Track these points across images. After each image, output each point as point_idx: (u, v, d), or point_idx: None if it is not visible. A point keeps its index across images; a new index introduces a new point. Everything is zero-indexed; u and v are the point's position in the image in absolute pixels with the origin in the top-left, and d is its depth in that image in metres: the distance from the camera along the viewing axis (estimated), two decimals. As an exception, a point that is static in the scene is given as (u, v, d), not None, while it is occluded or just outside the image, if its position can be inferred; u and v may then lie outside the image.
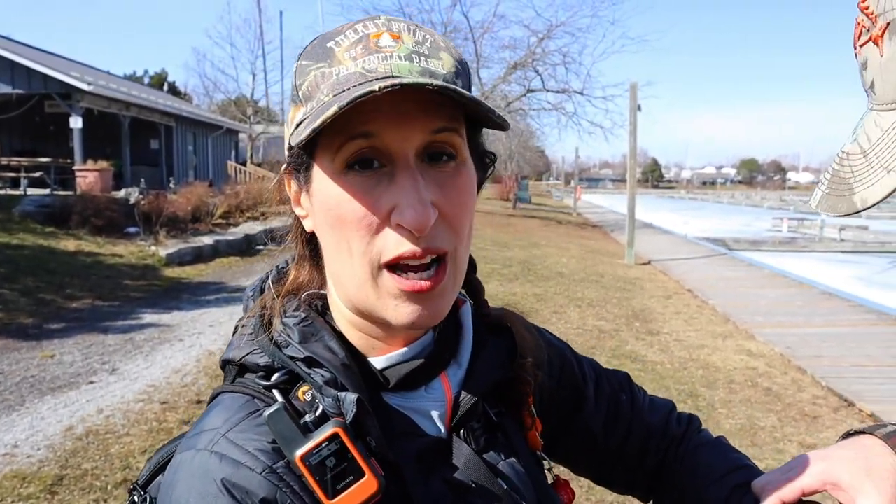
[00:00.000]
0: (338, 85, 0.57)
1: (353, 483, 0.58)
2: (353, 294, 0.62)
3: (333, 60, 0.58)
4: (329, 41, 0.60)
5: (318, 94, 0.58)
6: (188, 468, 0.59)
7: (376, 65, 0.57)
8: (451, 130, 0.59)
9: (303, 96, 0.60)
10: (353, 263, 0.59)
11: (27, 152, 19.06)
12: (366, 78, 0.56)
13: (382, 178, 0.58)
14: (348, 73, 0.57)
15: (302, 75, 0.60)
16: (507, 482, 0.68)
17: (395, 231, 0.58)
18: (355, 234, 0.58)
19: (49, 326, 7.17)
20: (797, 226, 28.10)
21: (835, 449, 0.71)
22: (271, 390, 0.63)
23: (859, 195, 0.62)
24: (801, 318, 8.32)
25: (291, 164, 0.64)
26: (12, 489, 3.51)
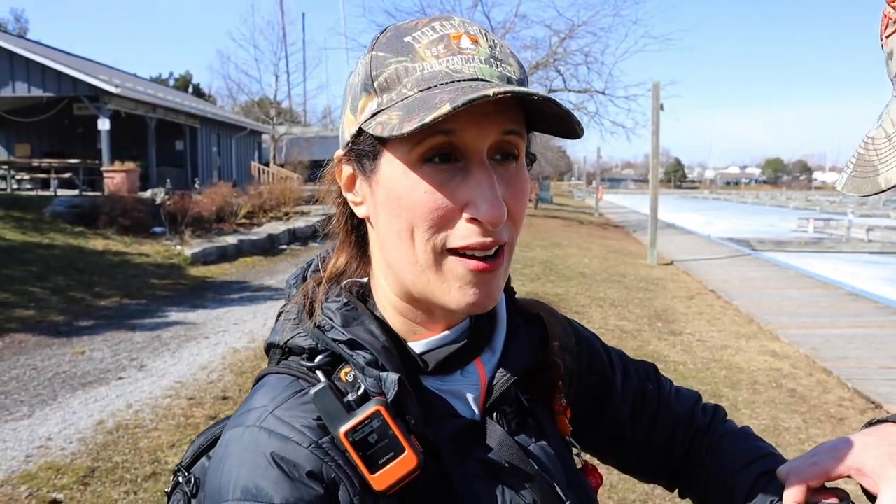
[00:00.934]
0: (423, 81, 0.60)
1: (394, 459, 0.60)
2: (410, 279, 0.64)
3: (415, 56, 0.61)
4: (405, 36, 0.62)
5: (400, 87, 0.60)
6: (238, 443, 0.62)
7: (460, 66, 0.60)
8: (518, 133, 0.63)
9: (378, 87, 0.61)
10: (416, 249, 0.62)
11: (56, 154, 19.47)
12: (451, 77, 0.59)
13: (457, 172, 0.61)
14: (433, 70, 0.60)
15: (379, 66, 0.62)
16: (539, 463, 0.71)
17: (467, 223, 0.61)
18: (424, 223, 0.61)
19: (79, 324, 7.33)
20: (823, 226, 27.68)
21: (859, 436, 0.72)
22: (315, 371, 0.66)
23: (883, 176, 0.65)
24: (826, 319, 8.21)
25: (356, 150, 0.65)
26: (47, 480, 3.61)
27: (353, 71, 0.67)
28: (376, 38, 0.65)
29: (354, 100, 0.64)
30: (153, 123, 19.10)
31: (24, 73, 16.72)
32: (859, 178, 0.68)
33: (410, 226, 0.62)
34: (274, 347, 0.73)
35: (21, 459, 3.87)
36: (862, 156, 0.69)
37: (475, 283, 0.63)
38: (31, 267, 9.42)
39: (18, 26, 46.21)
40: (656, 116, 13.78)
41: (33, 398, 4.94)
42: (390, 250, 0.65)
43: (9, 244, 10.33)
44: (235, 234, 14.46)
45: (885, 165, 0.65)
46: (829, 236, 24.89)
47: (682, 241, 19.46)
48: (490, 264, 0.63)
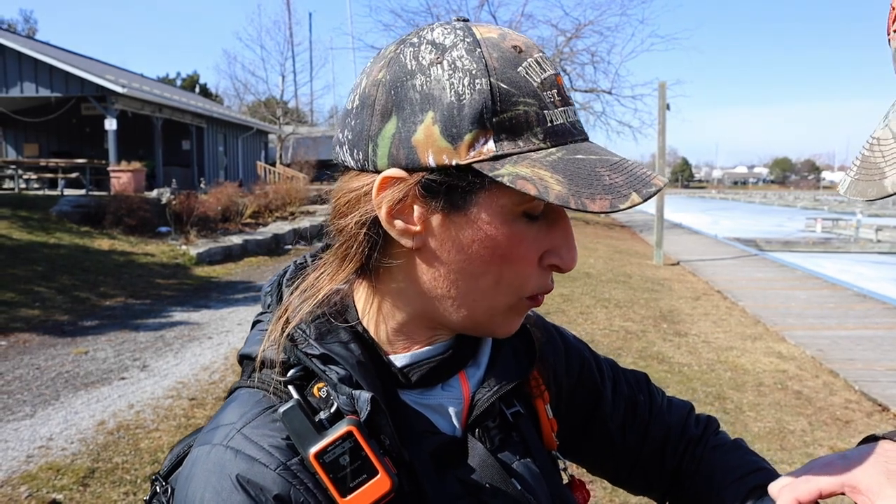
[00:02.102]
0: (555, 135, 0.58)
1: (367, 481, 0.58)
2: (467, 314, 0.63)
3: (540, 101, 0.58)
4: (516, 65, 0.58)
5: (529, 134, 0.57)
6: (204, 463, 0.60)
7: (573, 118, 0.61)
8: None
9: (499, 125, 0.56)
10: (497, 295, 0.62)
11: (64, 153, 19.59)
12: (572, 134, 0.60)
13: (542, 223, 0.62)
14: (558, 123, 0.59)
15: (506, 103, 0.56)
16: (522, 482, 0.69)
17: (544, 270, 0.63)
18: (517, 274, 0.61)
19: (83, 323, 7.35)
20: (832, 226, 27.55)
21: (854, 452, 0.70)
22: (287, 386, 0.64)
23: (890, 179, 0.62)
24: (833, 321, 8.15)
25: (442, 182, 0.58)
26: (47, 480, 3.61)
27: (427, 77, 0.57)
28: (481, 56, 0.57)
29: (452, 125, 0.56)
30: (160, 123, 19.16)
31: (33, 73, 16.81)
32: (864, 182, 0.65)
33: (499, 271, 0.61)
34: (247, 359, 0.70)
35: (22, 459, 3.87)
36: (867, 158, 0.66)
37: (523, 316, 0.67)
38: (36, 266, 9.45)
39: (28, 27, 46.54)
40: (662, 116, 13.72)
41: (36, 398, 4.95)
42: (452, 287, 0.62)
43: (15, 243, 10.37)
44: (241, 233, 14.49)
45: (892, 168, 0.62)
46: (837, 236, 24.75)
47: (689, 241, 19.39)
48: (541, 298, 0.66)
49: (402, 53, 0.59)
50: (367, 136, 0.60)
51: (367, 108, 0.60)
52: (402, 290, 0.65)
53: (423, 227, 0.60)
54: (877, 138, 0.65)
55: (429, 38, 0.59)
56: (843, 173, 0.69)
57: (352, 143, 0.61)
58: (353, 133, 0.61)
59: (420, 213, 0.60)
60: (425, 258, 0.62)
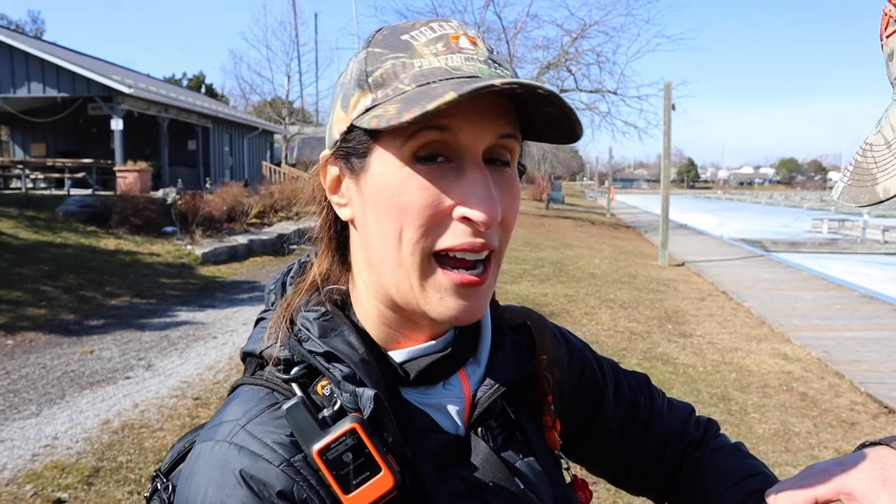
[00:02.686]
0: (422, 76, 0.58)
1: (370, 479, 0.58)
2: (393, 283, 0.62)
3: (413, 52, 0.59)
4: (402, 34, 0.61)
5: (397, 82, 0.58)
6: (207, 459, 0.60)
7: (460, 63, 0.59)
8: (514, 137, 0.62)
9: (374, 82, 0.60)
10: (402, 252, 0.60)
11: (71, 153, 19.67)
12: (451, 74, 0.57)
13: (449, 172, 0.59)
14: (432, 66, 0.58)
15: (374, 62, 0.60)
16: (525, 481, 0.69)
17: (457, 223, 0.59)
18: (414, 223, 0.59)
19: (89, 323, 7.37)
20: (838, 227, 27.44)
21: (850, 458, 0.70)
22: (290, 384, 0.64)
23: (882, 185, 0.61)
24: (839, 322, 8.11)
25: (344, 149, 0.63)
26: (52, 479, 3.62)
27: (343, 70, 0.65)
28: (372, 36, 0.63)
29: (346, 97, 0.62)
30: (166, 123, 19.21)
31: (40, 73, 16.87)
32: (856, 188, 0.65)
33: (399, 225, 0.59)
34: (250, 356, 0.71)
35: (27, 458, 3.89)
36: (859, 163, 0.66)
37: (457, 296, 0.61)
38: (43, 266, 9.49)
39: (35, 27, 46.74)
40: (668, 116, 13.69)
41: (42, 397, 4.97)
42: (375, 252, 0.63)
43: (22, 243, 10.42)
44: (246, 233, 14.52)
45: (884, 174, 0.61)
46: (843, 237, 24.65)
47: (694, 241, 19.33)
48: (480, 277, 0.61)
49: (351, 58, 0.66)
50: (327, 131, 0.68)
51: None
52: (361, 271, 0.67)
53: (348, 196, 0.65)
54: (870, 144, 0.65)
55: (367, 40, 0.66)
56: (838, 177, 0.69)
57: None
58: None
59: (345, 185, 0.65)
60: (359, 227, 0.65)
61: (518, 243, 14.51)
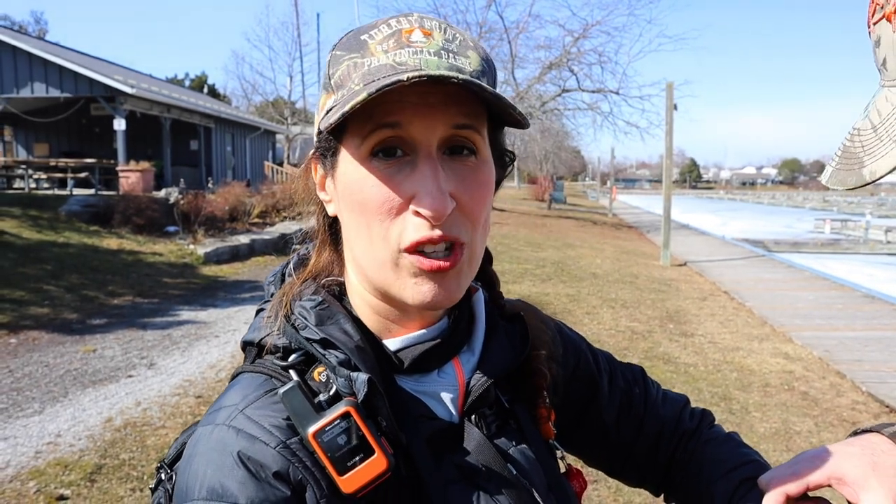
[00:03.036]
0: (368, 75, 0.59)
1: (364, 460, 0.59)
2: (372, 275, 0.64)
3: (366, 52, 0.61)
4: (363, 34, 0.63)
5: (350, 82, 0.60)
6: (207, 441, 0.61)
7: (406, 58, 0.59)
8: (471, 127, 0.61)
9: (334, 84, 0.62)
10: (374, 247, 0.62)
11: (74, 153, 19.71)
12: (395, 70, 0.58)
13: (404, 166, 0.60)
14: (379, 64, 0.59)
15: (335, 64, 0.63)
16: (517, 467, 0.70)
17: (414, 217, 0.60)
18: (376, 219, 0.61)
19: (92, 322, 7.40)
20: (841, 227, 27.39)
21: (841, 445, 0.71)
22: (288, 370, 0.65)
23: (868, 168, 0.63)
24: (841, 322, 8.11)
25: (319, 149, 0.67)
26: (55, 476, 3.64)
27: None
28: (339, 40, 0.65)
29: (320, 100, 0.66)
30: (168, 123, 19.25)
31: (43, 73, 16.92)
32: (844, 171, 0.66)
33: (366, 222, 0.62)
34: (249, 345, 0.72)
35: (31, 455, 3.91)
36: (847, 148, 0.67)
37: (432, 280, 0.62)
38: (46, 265, 9.52)
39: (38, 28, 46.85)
40: (670, 116, 13.69)
41: (45, 395, 4.99)
42: (354, 247, 0.66)
43: (25, 243, 10.45)
44: (248, 233, 14.55)
45: (870, 157, 0.63)
46: (846, 237, 24.60)
47: (696, 241, 19.32)
48: (448, 261, 0.61)
49: None
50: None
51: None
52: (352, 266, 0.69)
53: (331, 195, 0.68)
54: (857, 129, 0.67)
55: None
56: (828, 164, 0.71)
57: None
58: None
59: (328, 183, 0.68)
60: (342, 222, 0.67)
61: (520, 243, 14.53)
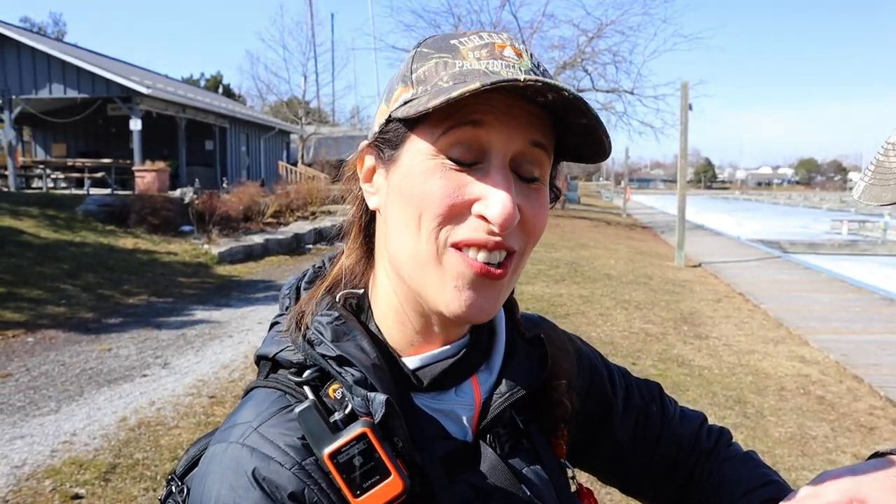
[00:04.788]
0: (460, 75, 0.60)
1: (379, 483, 0.59)
2: (410, 273, 0.63)
3: (457, 55, 0.61)
4: (452, 39, 0.63)
5: (436, 78, 0.61)
6: (220, 460, 0.61)
7: (499, 69, 0.60)
8: (544, 148, 0.62)
9: (416, 79, 0.62)
10: (420, 240, 0.61)
11: (90, 154, 19.92)
12: (489, 77, 0.58)
13: (476, 171, 0.60)
14: (471, 68, 0.60)
15: (420, 60, 0.63)
16: (531, 488, 0.69)
17: (475, 218, 0.60)
18: (432, 212, 0.60)
19: (107, 321, 7.46)
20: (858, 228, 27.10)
21: (863, 466, 0.69)
22: (302, 387, 0.65)
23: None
24: (859, 325, 8.01)
25: (380, 139, 0.65)
26: (70, 475, 3.67)
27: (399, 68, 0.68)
28: (423, 40, 0.66)
29: (390, 91, 0.65)
30: (183, 123, 19.39)
31: (61, 74, 17.12)
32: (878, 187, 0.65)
33: (419, 213, 0.60)
34: (264, 359, 0.72)
35: (46, 454, 3.95)
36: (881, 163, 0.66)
37: (472, 287, 0.61)
38: (63, 265, 9.62)
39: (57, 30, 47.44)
40: (685, 116, 13.60)
41: (61, 394, 5.04)
42: (394, 240, 0.64)
43: (42, 242, 10.57)
44: (262, 233, 14.61)
45: None
46: (864, 238, 24.31)
47: (711, 242, 19.17)
48: (501, 269, 0.61)
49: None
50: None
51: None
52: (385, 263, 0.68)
53: (378, 184, 0.67)
54: (892, 143, 0.65)
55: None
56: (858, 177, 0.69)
57: None
58: None
59: (378, 175, 0.67)
60: (385, 216, 0.66)
61: (533, 244, 14.43)
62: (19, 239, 10.38)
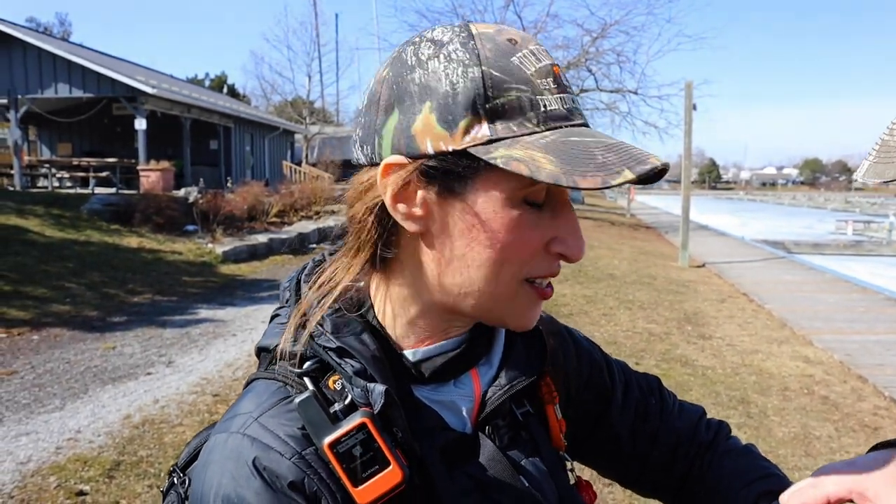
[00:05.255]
0: (549, 119, 0.59)
1: (379, 472, 0.59)
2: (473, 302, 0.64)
3: (534, 88, 0.59)
4: (510, 55, 0.60)
5: (522, 118, 0.58)
6: (221, 450, 0.61)
7: (571, 105, 0.61)
8: None
9: (492, 111, 0.58)
10: (498, 282, 0.62)
11: (96, 153, 19.98)
12: (568, 119, 0.60)
13: (546, 211, 0.62)
14: (552, 108, 0.59)
15: (497, 89, 0.58)
16: (530, 479, 0.70)
17: (549, 255, 0.63)
18: (518, 260, 0.62)
19: (112, 319, 7.49)
20: (863, 228, 27.00)
21: (863, 459, 0.70)
22: (303, 378, 0.65)
23: None
24: (863, 325, 7.98)
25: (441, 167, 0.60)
26: (75, 472, 3.69)
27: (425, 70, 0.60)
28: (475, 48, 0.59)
29: (446, 112, 0.58)
30: (188, 123, 19.44)
31: (66, 74, 17.19)
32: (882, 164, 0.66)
33: (500, 260, 0.61)
34: (264, 351, 0.72)
35: (51, 451, 3.97)
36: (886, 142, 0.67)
37: (538, 307, 0.66)
38: (68, 263, 9.66)
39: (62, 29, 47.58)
40: (689, 116, 13.57)
41: (66, 391, 5.06)
42: (454, 275, 0.63)
43: (48, 241, 10.61)
44: (266, 232, 14.64)
45: None
46: (869, 239, 24.23)
47: (715, 243, 19.13)
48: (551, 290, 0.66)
49: (404, 52, 0.63)
50: (373, 130, 0.63)
51: (373, 104, 0.63)
52: (413, 281, 0.66)
53: (425, 211, 0.62)
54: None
55: (428, 36, 0.63)
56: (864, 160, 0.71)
57: (362, 140, 0.65)
58: (363, 130, 0.65)
59: (422, 198, 0.62)
60: (430, 244, 0.64)
61: (537, 243, 14.42)
62: (25, 237, 10.43)
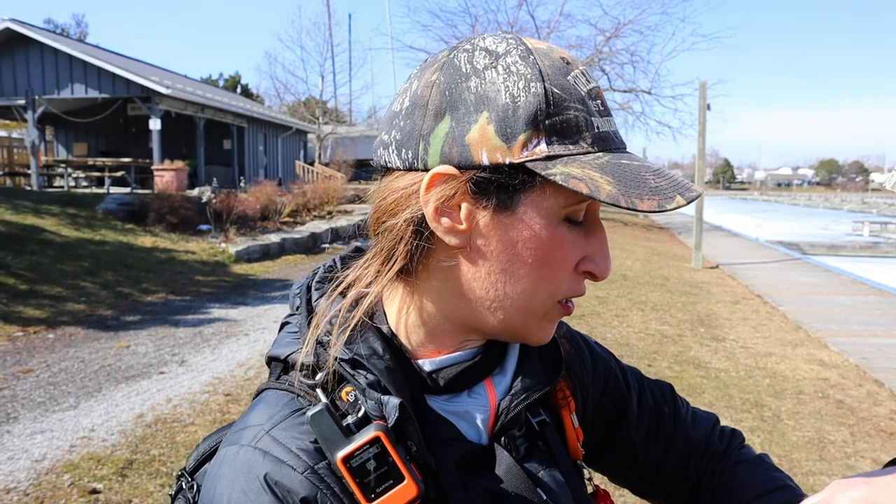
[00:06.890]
0: (600, 141, 0.60)
1: (393, 487, 0.58)
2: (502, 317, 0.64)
3: (588, 109, 0.60)
4: (565, 74, 0.60)
5: (578, 138, 0.59)
6: (232, 463, 0.60)
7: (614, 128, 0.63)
8: None
9: (550, 127, 0.58)
10: (535, 298, 0.63)
11: (112, 153, 20.18)
12: (614, 142, 0.62)
13: (581, 231, 0.63)
14: (603, 130, 0.61)
15: (558, 106, 0.58)
16: (547, 492, 0.68)
17: (579, 275, 0.64)
18: (557, 278, 0.63)
19: (126, 318, 7.55)
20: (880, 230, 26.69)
21: (879, 474, 0.68)
22: (315, 389, 0.64)
23: None
24: (880, 328, 7.89)
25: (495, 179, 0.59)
26: (88, 470, 3.72)
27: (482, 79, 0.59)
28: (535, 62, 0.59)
29: (504, 124, 0.57)
30: (202, 123, 19.56)
31: (83, 75, 17.36)
32: None
33: (541, 276, 0.62)
34: (275, 361, 0.71)
35: (65, 449, 4.00)
36: None
37: (556, 323, 0.68)
38: (83, 262, 9.75)
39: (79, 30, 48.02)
40: (703, 116, 13.48)
41: (80, 390, 5.11)
42: (490, 288, 0.63)
43: (63, 240, 10.71)
44: (279, 232, 14.70)
45: None
46: (885, 240, 23.93)
47: (729, 244, 18.99)
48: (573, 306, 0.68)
49: (456, 58, 0.61)
50: (418, 135, 0.61)
51: (420, 108, 0.61)
52: (441, 291, 0.65)
53: (470, 225, 0.61)
54: None
55: (482, 45, 0.62)
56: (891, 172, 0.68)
57: (399, 143, 0.62)
58: (401, 133, 0.62)
59: (468, 212, 0.61)
60: (469, 258, 0.62)
61: (549, 244, 14.38)
62: (41, 237, 10.53)
